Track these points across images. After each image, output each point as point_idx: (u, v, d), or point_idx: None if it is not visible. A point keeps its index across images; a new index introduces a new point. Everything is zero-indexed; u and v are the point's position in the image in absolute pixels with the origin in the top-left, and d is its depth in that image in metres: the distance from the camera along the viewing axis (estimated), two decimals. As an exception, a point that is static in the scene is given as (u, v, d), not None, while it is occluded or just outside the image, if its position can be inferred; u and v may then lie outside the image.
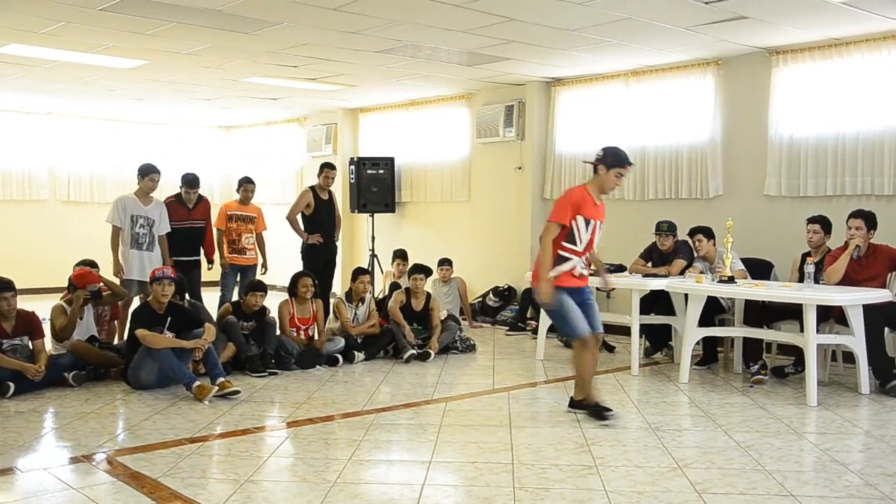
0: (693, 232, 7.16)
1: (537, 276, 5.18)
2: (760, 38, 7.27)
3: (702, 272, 6.95)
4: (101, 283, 6.79)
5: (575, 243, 5.14)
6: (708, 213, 8.01)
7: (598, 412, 5.18)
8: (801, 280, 6.52)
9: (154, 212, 7.52)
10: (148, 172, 7.56)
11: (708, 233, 7.12)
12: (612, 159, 5.19)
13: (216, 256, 8.39)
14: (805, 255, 6.50)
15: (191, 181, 8.04)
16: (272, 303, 7.23)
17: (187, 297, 7.22)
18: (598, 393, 5.44)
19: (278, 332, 7.07)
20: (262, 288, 7.12)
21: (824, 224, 6.59)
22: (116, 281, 7.30)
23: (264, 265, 8.72)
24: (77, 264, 7.21)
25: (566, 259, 5.15)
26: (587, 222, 5.15)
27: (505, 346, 8.31)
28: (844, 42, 7.17)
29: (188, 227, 8.00)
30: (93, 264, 7.22)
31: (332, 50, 7.93)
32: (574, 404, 5.39)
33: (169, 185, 13.42)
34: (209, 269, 8.34)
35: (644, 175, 8.70)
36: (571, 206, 5.14)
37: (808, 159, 7.49)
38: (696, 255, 7.16)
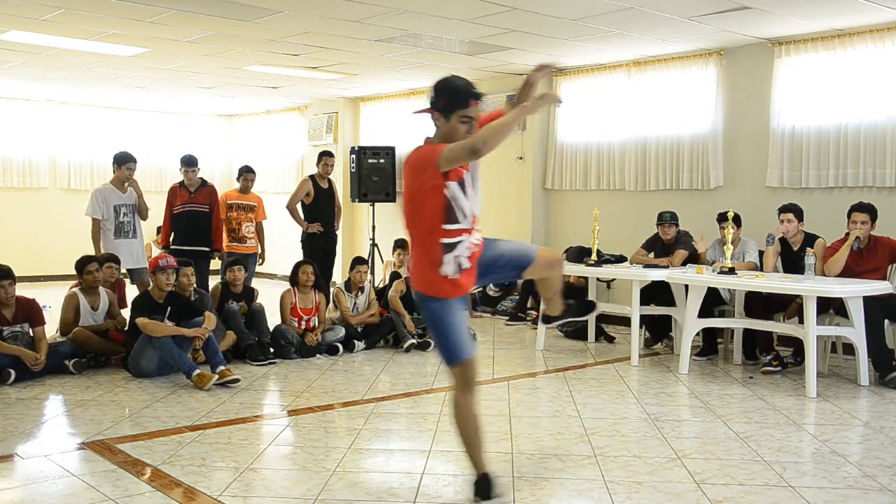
0: (721, 218, 7.01)
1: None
2: (763, 29, 7.25)
3: (711, 262, 6.94)
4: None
5: (456, 220, 3.41)
6: (709, 204, 8.01)
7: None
8: (787, 268, 6.55)
9: (131, 198, 7.60)
10: (125, 161, 7.57)
11: (737, 220, 7.06)
12: (447, 101, 3.45)
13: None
14: (776, 241, 6.54)
15: (187, 160, 8.06)
16: (274, 292, 7.24)
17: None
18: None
19: (280, 321, 7.09)
20: (239, 262, 7.38)
21: (797, 212, 6.60)
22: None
23: (262, 255, 8.72)
24: (102, 258, 7.10)
25: (454, 245, 3.42)
26: (460, 185, 3.40)
27: (505, 336, 8.32)
28: (847, 33, 7.15)
29: (190, 211, 7.98)
30: (117, 258, 7.16)
31: (334, 38, 7.90)
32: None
33: (170, 173, 13.48)
34: (214, 258, 8.26)
35: (646, 166, 8.69)
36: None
37: (809, 151, 7.48)
38: (718, 239, 7.09)
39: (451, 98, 3.43)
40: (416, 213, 3.44)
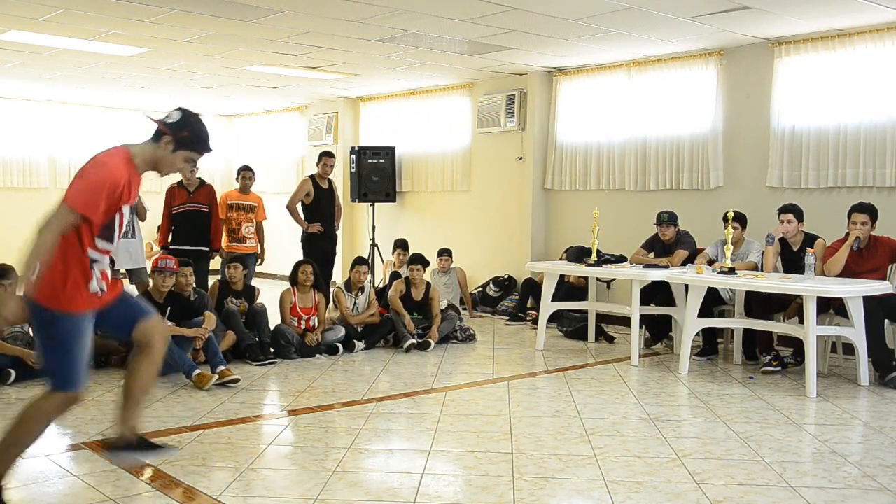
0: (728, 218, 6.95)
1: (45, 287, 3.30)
2: (763, 29, 7.25)
3: (711, 261, 6.93)
4: None
5: (110, 240, 3.39)
6: (709, 204, 8.01)
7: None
8: (787, 268, 6.54)
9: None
10: None
11: (742, 221, 7.05)
12: (189, 136, 3.48)
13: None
14: (776, 241, 6.51)
15: None
16: (274, 293, 7.24)
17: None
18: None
19: (280, 321, 7.09)
20: (239, 260, 7.39)
21: (797, 213, 6.59)
22: None
23: (261, 256, 8.72)
24: None
25: (95, 262, 3.35)
26: (127, 209, 3.46)
27: (505, 336, 8.32)
28: (847, 33, 7.15)
29: (190, 211, 8.00)
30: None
31: (334, 38, 7.90)
32: None
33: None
34: (213, 257, 8.30)
35: (646, 166, 8.69)
36: (107, 189, 3.27)
37: (809, 151, 7.47)
38: (721, 239, 7.04)
39: (194, 138, 3.48)
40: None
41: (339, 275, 10.62)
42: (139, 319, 3.55)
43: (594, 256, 7.19)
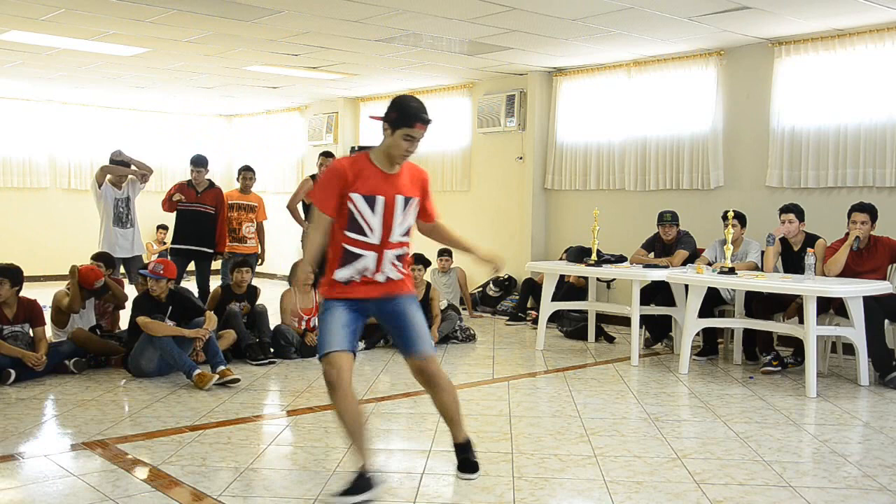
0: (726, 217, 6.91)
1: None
2: (763, 29, 7.25)
3: (710, 263, 6.93)
4: (105, 280, 6.78)
5: (361, 231, 3.63)
6: (709, 204, 8.01)
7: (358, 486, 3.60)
8: (787, 268, 6.54)
9: (125, 193, 7.91)
10: (111, 162, 8.03)
11: (742, 220, 7.05)
12: (397, 115, 3.63)
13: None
14: (777, 241, 6.50)
15: (195, 160, 8.17)
16: (274, 293, 7.23)
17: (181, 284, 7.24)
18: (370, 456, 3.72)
19: (280, 321, 7.09)
20: (247, 264, 7.34)
21: (798, 213, 6.59)
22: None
23: (261, 256, 8.72)
24: (92, 257, 7.14)
25: (355, 256, 3.66)
26: (371, 200, 3.60)
27: (505, 336, 8.32)
28: (847, 33, 7.15)
29: (195, 210, 8.04)
30: (108, 259, 7.16)
31: (334, 38, 7.91)
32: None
33: (170, 173, 13.47)
34: (215, 259, 8.32)
35: (646, 166, 8.69)
36: (333, 181, 3.61)
37: (809, 151, 7.47)
38: (720, 239, 7.02)
39: (402, 115, 3.64)
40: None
41: (339, 275, 10.61)
42: (412, 353, 3.91)
43: (594, 256, 7.19)
